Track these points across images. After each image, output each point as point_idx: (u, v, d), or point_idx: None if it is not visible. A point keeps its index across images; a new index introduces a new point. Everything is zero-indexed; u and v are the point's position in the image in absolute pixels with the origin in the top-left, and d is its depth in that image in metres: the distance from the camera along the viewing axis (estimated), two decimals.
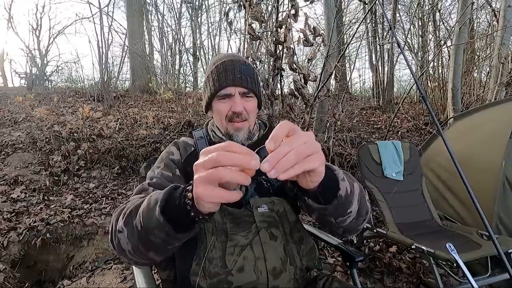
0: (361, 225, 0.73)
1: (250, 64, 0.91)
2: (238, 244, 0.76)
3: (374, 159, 2.20)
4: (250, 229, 0.78)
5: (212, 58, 0.94)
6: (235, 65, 0.86)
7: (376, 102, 7.16)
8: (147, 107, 6.35)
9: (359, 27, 3.85)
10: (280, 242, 0.79)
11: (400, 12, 7.31)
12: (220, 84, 0.84)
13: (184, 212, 0.52)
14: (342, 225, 0.67)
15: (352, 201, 0.64)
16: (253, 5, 1.95)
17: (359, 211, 0.68)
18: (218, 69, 0.86)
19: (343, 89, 4.63)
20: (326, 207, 0.60)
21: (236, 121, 0.84)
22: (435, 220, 2.04)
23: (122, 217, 0.64)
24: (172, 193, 0.56)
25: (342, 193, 0.60)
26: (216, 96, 0.85)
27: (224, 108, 0.85)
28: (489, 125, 2.19)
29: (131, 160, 3.76)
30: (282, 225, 0.82)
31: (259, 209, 0.81)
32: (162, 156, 0.90)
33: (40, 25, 13.56)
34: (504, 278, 1.52)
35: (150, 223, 0.56)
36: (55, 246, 2.41)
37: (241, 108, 0.84)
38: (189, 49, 8.86)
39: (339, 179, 0.60)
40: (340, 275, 1.94)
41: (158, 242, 0.57)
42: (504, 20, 3.44)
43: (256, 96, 0.89)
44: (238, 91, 0.84)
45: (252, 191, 0.85)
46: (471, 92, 4.97)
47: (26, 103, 6.00)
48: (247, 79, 0.85)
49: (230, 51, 7.39)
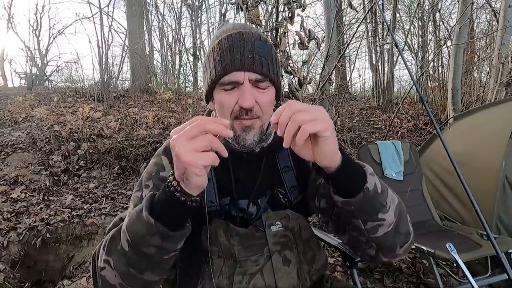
0: (401, 249, 0.61)
1: (267, 39, 0.67)
2: (247, 272, 0.68)
3: (374, 159, 2.19)
4: (262, 253, 0.69)
5: (217, 30, 0.73)
6: (245, 41, 0.63)
7: (376, 102, 7.15)
8: (147, 107, 6.34)
9: (359, 27, 3.85)
10: (294, 266, 0.70)
11: (400, 12, 7.32)
12: (224, 67, 0.61)
13: (173, 201, 0.51)
14: (373, 236, 0.58)
15: (386, 206, 0.57)
16: (250, 8, 1.95)
17: (397, 226, 0.59)
18: (221, 45, 0.63)
19: (343, 89, 4.63)
20: (350, 201, 0.55)
21: (245, 118, 0.64)
22: (435, 220, 2.04)
23: (103, 251, 0.58)
24: (154, 195, 0.55)
25: (370, 186, 0.55)
26: (219, 83, 0.64)
27: (228, 101, 0.63)
28: (489, 125, 2.19)
29: (131, 160, 3.76)
30: (297, 245, 0.72)
31: (272, 227, 0.70)
32: (151, 171, 0.72)
33: (40, 25, 13.56)
34: (504, 278, 1.52)
35: (139, 232, 0.53)
36: (55, 246, 2.41)
37: (252, 102, 0.61)
38: (189, 49, 8.85)
39: (367, 172, 0.56)
40: (340, 275, 1.94)
41: (152, 253, 0.54)
42: (504, 20, 3.44)
43: (274, 84, 0.66)
44: (248, 77, 0.62)
45: (264, 205, 0.74)
46: (471, 92, 4.97)
47: (26, 103, 6.00)
48: (262, 61, 0.62)
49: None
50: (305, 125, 0.48)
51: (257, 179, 0.73)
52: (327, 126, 0.50)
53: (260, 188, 0.74)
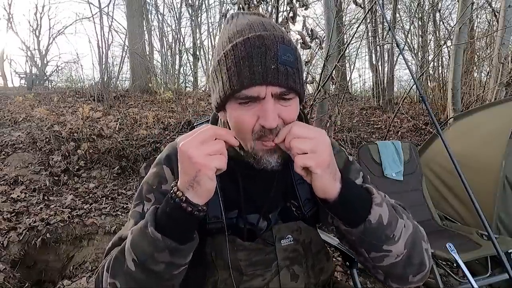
0: (414, 278, 0.58)
1: (291, 40, 0.56)
2: (252, 286, 0.65)
3: (374, 159, 2.20)
4: (270, 268, 0.66)
5: (225, 25, 0.60)
6: (267, 47, 0.51)
7: (376, 102, 7.16)
8: (147, 107, 6.34)
9: (359, 27, 3.85)
10: (302, 281, 0.67)
11: (400, 12, 7.32)
12: (241, 81, 0.51)
13: (179, 212, 0.50)
14: (378, 264, 0.56)
15: (393, 237, 0.54)
16: (251, 8, 1.95)
17: (410, 258, 0.56)
18: (237, 52, 0.52)
19: (343, 89, 4.63)
20: (351, 231, 0.54)
21: (267, 140, 0.55)
22: (435, 220, 2.04)
23: (107, 274, 0.55)
24: (157, 208, 0.53)
25: (372, 219, 0.52)
26: (234, 97, 0.54)
27: (247, 119, 0.54)
28: (489, 125, 2.19)
29: (131, 160, 3.76)
30: (306, 259, 0.69)
31: (282, 241, 0.66)
32: (152, 183, 0.66)
33: (40, 25, 13.55)
34: (504, 278, 1.52)
35: (146, 250, 0.50)
36: (55, 246, 2.41)
37: (276, 122, 0.53)
38: (189, 49, 8.87)
39: (373, 202, 0.53)
40: (340, 275, 1.94)
41: (161, 270, 0.51)
42: (504, 20, 3.44)
43: (299, 94, 0.56)
44: (271, 91, 0.52)
45: (276, 218, 0.70)
46: (471, 92, 4.97)
47: (26, 103, 5.99)
48: (287, 72, 0.52)
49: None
50: (296, 157, 0.50)
51: (269, 193, 0.68)
52: (319, 163, 0.49)
53: (272, 202, 0.69)
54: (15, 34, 18.74)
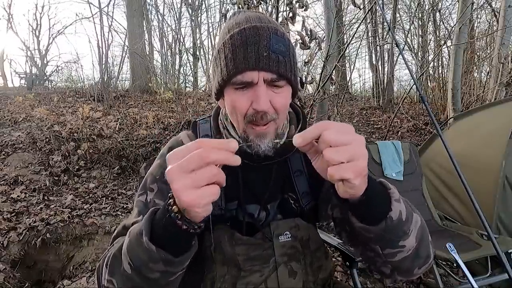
0: (419, 270, 0.58)
1: (284, 33, 0.61)
2: (250, 282, 0.65)
3: (374, 159, 2.19)
4: (268, 264, 0.66)
5: (227, 21, 0.66)
6: (260, 36, 0.57)
7: (376, 102, 7.16)
8: (147, 107, 6.34)
9: (359, 27, 3.85)
10: (300, 278, 0.67)
11: (400, 12, 7.32)
12: (236, 66, 0.57)
13: (174, 228, 0.46)
14: (390, 260, 0.54)
15: (408, 233, 0.53)
16: (251, 8, 1.95)
17: (418, 250, 0.55)
18: (234, 40, 0.58)
19: (343, 89, 4.63)
20: (369, 229, 0.50)
21: (259, 124, 0.59)
22: (435, 220, 2.04)
23: (106, 269, 0.54)
24: (154, 217, 0.50)
25: (394, 215, 0.49)
26: (231, 82, 0.59)
27: (242, 103, 0.59)
28: (489, 125, 2.19)
29: (131, 160, 3.76)
30: (304, 256, 0.69)
31: (280, 238, 0.66)
32: (156, 173, 0.69)
33: (40, 25, 13.55)
34: (504, 278, 1.52)
35: (141, 258, 0.48)
36: (55, 246, 2.41)
37: (267, 105, 0.58)
38: (189, 49, 8.87)
39: (392, 198, 0.51)
40: (340, 275, 1.94)
41: (157, 277, 0.49)
42: (504, 20, 3.44)
43: (291, 83, 0.61)
44: (263, 77, 0.57)
45: (274, 211, 0.70)
46: (471, 92, 4.97)
47: (26, 103, 6.00)
48: (278, 59, 0.57)
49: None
50: (331, 169, 0.42)
51: (268, 183, 0.68)
52: (358, 173, 0.43)
53: (271, 193, 0.70)
54: (15, 34, 18.80)
